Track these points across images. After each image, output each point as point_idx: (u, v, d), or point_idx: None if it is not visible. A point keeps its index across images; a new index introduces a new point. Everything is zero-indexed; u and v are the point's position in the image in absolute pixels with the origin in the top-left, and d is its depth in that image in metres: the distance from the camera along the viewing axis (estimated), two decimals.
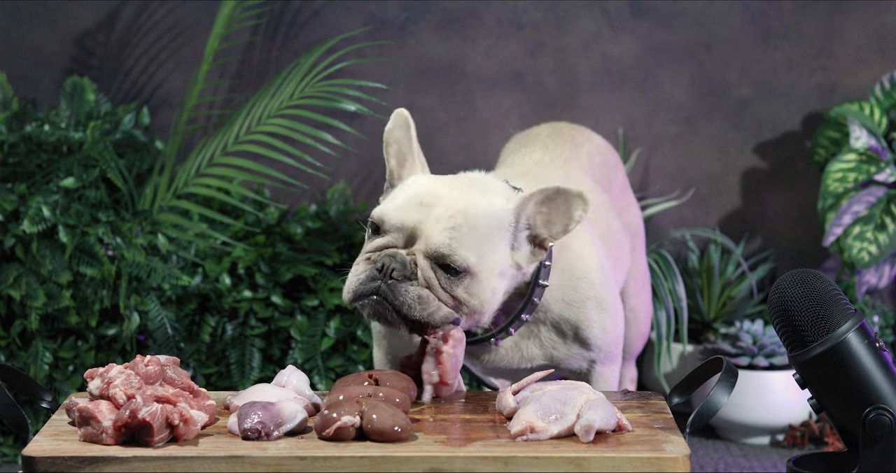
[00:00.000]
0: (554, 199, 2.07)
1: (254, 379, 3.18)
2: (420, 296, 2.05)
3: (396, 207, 2.09)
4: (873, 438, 1.86)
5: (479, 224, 2.07)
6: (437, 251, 2.05)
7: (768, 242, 3.66)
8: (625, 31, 3.59)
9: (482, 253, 2.06)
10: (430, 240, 2.05)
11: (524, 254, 2.11)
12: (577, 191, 2.05)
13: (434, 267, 2.06)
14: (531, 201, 2.09)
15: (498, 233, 2.08)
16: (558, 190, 2.06)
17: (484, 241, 2.07)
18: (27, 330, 3.17)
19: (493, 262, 2.08)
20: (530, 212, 2.10)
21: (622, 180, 2.78)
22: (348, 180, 3.61)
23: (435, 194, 2.09)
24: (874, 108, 3.44)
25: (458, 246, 2.05)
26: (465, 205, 2.07)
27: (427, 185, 2.13)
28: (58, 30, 3.63)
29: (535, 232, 2.11)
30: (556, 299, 2.23)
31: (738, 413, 3.27)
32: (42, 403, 2.07)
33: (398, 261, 2.06)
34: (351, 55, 3.50)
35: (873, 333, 1.90)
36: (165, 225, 3.24)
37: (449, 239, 2.05)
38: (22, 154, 3.28)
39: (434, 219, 2.06)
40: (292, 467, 1.80)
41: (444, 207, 2.07)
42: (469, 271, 2.06)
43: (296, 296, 3.26)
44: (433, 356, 2.07)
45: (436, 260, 2.05)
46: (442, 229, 2.05)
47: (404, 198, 2.10)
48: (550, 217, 2.09)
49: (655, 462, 1.81)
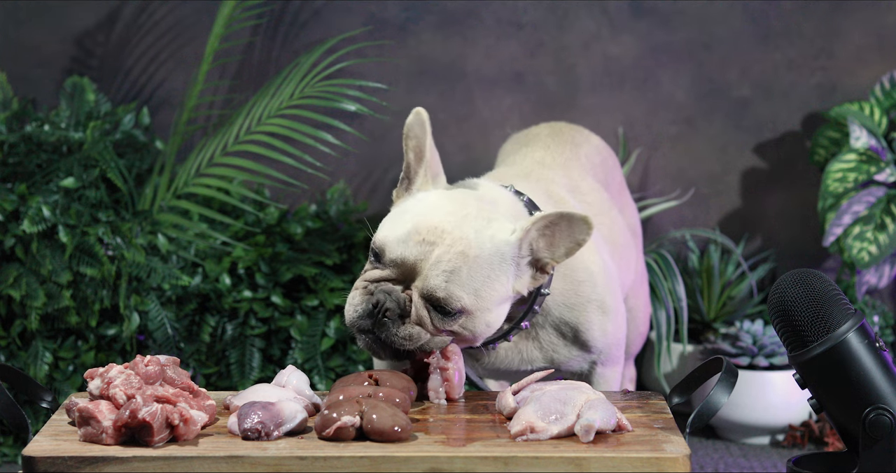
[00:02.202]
0: (557, 224, 2.05)
1: (254, 379, 3.18)
2: (411, 335, 2.05)
3: (398, 240, 2.06)
4: (873, 438, 1.86)
5: (481, 264, 2.04)
6: (433, 294, 2.03)
7: (768, 242, 3.66)
8: (625, 31, 3.59)
9: (480, 294, 2.05)
10: (426, 282, 2.03)
11: (525, 281, 2.10)
12: (581, 215, 2.03)
13: (428, 307, 2.05)
14: (534, 228, 2.06)
15: (500, 268, 2.06)
16: (561, 215, 2.04)
17: (484, 281, 2.05)
18: (27, 330, 3.17)
19: (491, 299, 2.06)
20: (533, 239, 2.07)
21: (620, 180, 2.79)
22: (348, 180, 3.61)
23: (438, 230, 2.05)
24: (874, 108, 3.44)
25: (455, 288, 2.03)
26: (467, 246, 2.04)
27: (432, 217, 2.08)
28: (58, 30, 3.62)
29: (537, 256, 2.09)
30: (557, 302, 2.22)
31: (738, 413, 3.27)
32: (42, 403, 2.07)
33: (393, 300, 2.04)
34: (351, 55, 3.49)
35: (873, 333, 1.90)
36: (165, 225, 3.23)
37: (446, 282, 2.02)
38: (22, 154, 3.28)
39: (434, 259, 2.04)
40: (292, 467, 1.81)
41: (446, 247, 2.04)
42: (464, 311, 2.05)
43: (296, 296, 3.26)
44: (438, 374, 2.07)
45: (430, 301, 2.04)
46: (440, 272, 2.03)
47: (406, 230, 2.07)
48: (554, 241, 2.07)
49: (655, 462, 1.81)
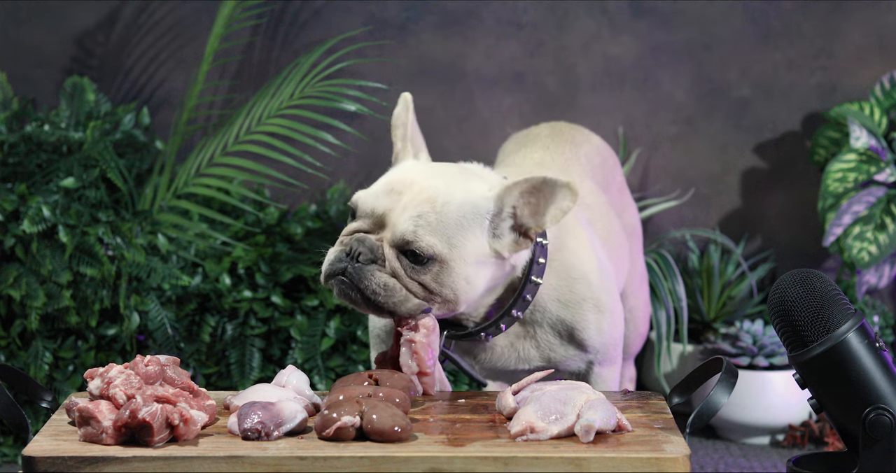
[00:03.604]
0: (541, 189, 2.05)
1: (254, 379, 3.18)
2: (386, 284, 2.04)
3: (369, 193, 2.09)
4: (873, 438, 1.86)
5: (450, 211, 2.04)
6: (402, 238, 2.03)
7: (768, 242, 3.66)
8: (625, 31, 3.59)
9: (453, 242, 2.04)
10: (395, 228, 2.04)
11: (506, 243, 2.08)
12: (565, 181, 2.03)
13: (400, 256, 2.04)
14: (516, 190, 2.06)
15: (473, 220, 2.06)
16: (545, 180, 2.04)
17: (456, 229, 2.04)
18: (27, 330, 3.17)
19: (466, 251, 2.05)
20: (515, 201, 2.07)
21: (620, 180, 2.78)
22: (348, 180, 3.61)
23: (408, 181, 2.07)
24: (874, 108, 3.44)
25: (424, 233, 2.02)
26: (435, 193, 2.05)
27: (404, 172, 2.11)
28: (58, 30, 3.63)
29: (521, 221, 2.08)
30: (552, 299, 2.22)
31: (738, 413, 3.27)
32: (42, 403, 2.07)
33: (365, 246, 2.05)
34: (351, 55, 3.49)
35: (873, 333, 1.90)
36: (165, 225, 3.23)
37: (414, 226, 2.03)
38: (22, 154, 3.28)
39: (402, 206, 2.05)
40: (292, 467, 1.81)
41: (413, 194, 2.05)
42: (437, 259, 2.04)
43: (296, 296, 3.26)
44: (408, 347, 2.07)
45: (401, 248, 2.04)
46: (408, 217, 2.03)
47: (379, 184, 2.10)
48: (538, 207, 2.06)
49: (655, 462, 1.81)
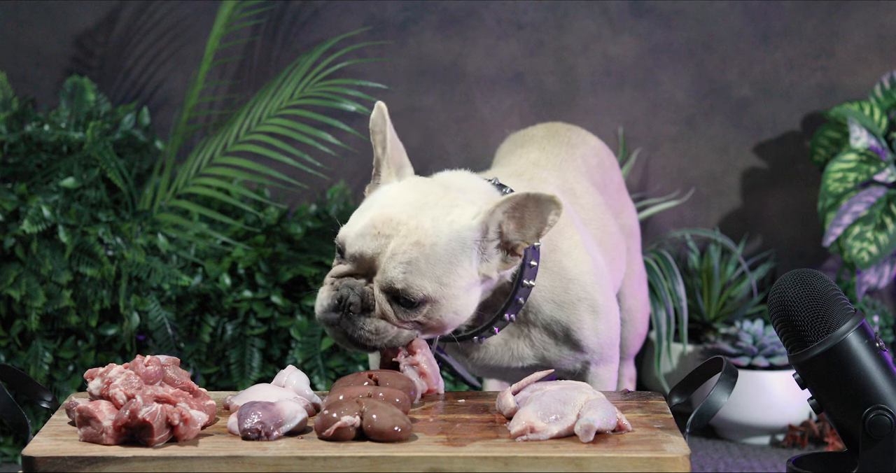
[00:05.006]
0: (525, 205, 2.04)
1: (254, 379, 3.18)
2: (377, 328, 2.05)
3: (356, 235, 2.06)
4: (873, 438, 1.86)
5: (439, 252, 2.04)
6: (392, 286, 2.03)
7: (768, 242, 3.66)
8: (625, 31, 3.59)
9: (443, 281, 2.04)
10: (384, 275, 2.03)
11: (494, 264, 2.08)
12: (549, 195, 2.02)
13: (390, 301, 2.05)
14: (499, 210, 2.05)
15: (461, 253, 2.05)
16: (528, 196, 2.02)
17: (446, 267, 2.04)
18: (27, 330, 3.17)
19: (455, 286, 2.05)
20: (499, 221, 2.06)
21: (618, 181, 2.78)
22: (348, 180, 3.61)
23: (393, 222, 2.05)
24: (874, 108, 3.44)
25: (414, 279, 2.02)
26: (422, 235, 2.04)
27: (390, 209, 2.08)
28: (58, 30, 3.63)
29: (507, 238, 2.07)
30: (547, 300, 2.22)
31: (738, 413, 3.27)
32: (42, 403, 2.07)
33: (356, 293, 2.04)
34: (351, 55, 3.49)
35: (873, 333, 1.90)
36: (165, 225, 3.23)
37: (403, 273, 2.02)
38: (22, 154, 3.28)
39: (390, 252, 2.03)
40: (292, 467, 1.81)
41: (401, 238, 2.03)
42: (428, 300, 2.04)
43: (296, 296, 3.26)
44: (412, 371, 2.07)
45: (391, 294, 2.04)
46: (396, 264, 2.02)
47: (364, 224, 2.07)
48: (523, 222, 2.05)
49: (655, 462, 1.81)
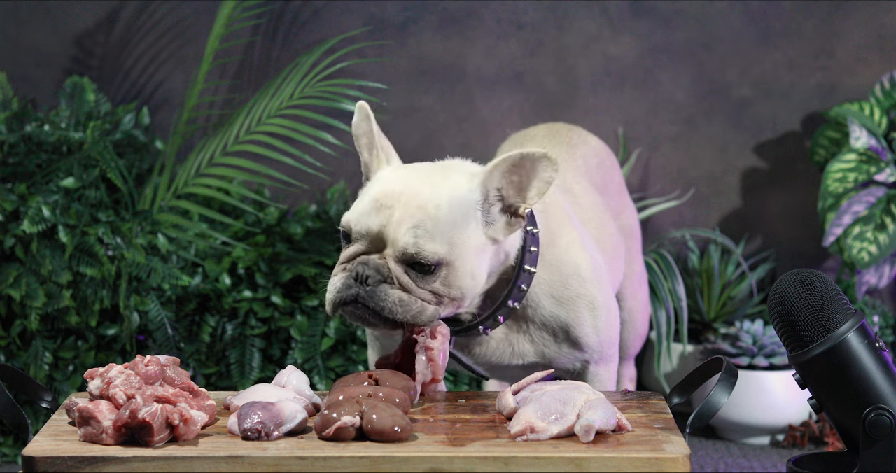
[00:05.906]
0: (521, 165, 2.05)
1: (254, 379, 3.18)
2: (401, 300, 2.04)
3: (359, 213, 2.07)
4: (873, 438, 1.86)
5: (443, 213, 2.04)
6: (406, 252, 2.03)
7: (768, 242, 3.66)
8: (625, 31, 3.59)
9: (454, 241, 2.04)
10: (396, 244, 2.04)
11: (500, 227, 2.09)
12: (542, 151, 2.03)
13: (407, 270, 2.05)
14: (497, 171, 2.06)
15: (466, 214, 2.06)
16: (523, 154, 2.04)
17: (453, 228, 2.05)
18: (27, 330, 3.17)
19: (466, 246, 2.06)
20: (499, 183, 2.07)
21: (618, 181, 2.78)
22: (348, 180, 3.61)
23: (394, 194, 2.06)
24: (874, 108, 3.44)
25: (426, 242, 2.02)
26: (425, 199, 2.05)
27: (386, 184, 2.09)
28: (58, 30, 3.63)
29: (508, 201, 2.08)
30: (546, 294, 2.21)
31: (738, 413, 3.27)
32: (42, 403, 2.07)
33: (371, 267, 2.04)
34: (351, 55, 3.49)
35: (873, 333, 1.90)
36: (165, 225, 3.24)
37: (414, 238, 2.03)
38: (22, 154, 3.28)
39: (396, 220, 2.04)
40: (292, 467, 1.81)
41: (404, 206, 2.05)
42: (442, 262, 2.04)
43: (296, 296, 3.26)
44: (423, 354, 2.07)
45: (407, 262, 2.04)
46: (405, 230, 2.03)
47: (366, 202, 2.08)
48: (521, 183, 2.06)
49: (655, 462, 1.81)
